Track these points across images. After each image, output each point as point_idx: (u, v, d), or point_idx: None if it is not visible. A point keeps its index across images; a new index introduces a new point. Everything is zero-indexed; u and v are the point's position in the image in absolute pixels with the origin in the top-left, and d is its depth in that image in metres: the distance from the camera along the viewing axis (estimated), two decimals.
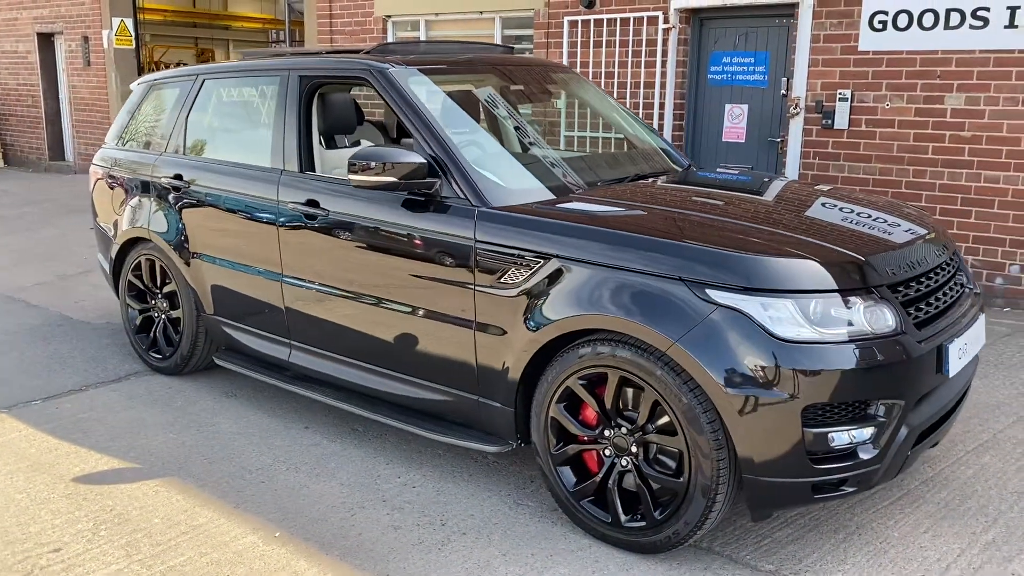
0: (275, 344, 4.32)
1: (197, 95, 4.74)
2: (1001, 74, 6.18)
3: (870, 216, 3.54)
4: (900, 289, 3.07)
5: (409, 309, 3.65)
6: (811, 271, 2.89)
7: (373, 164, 3.53)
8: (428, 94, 3.90)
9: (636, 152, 4.42)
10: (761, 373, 2.79)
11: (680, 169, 4.37)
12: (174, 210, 4.67)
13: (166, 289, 4.88)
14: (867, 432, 2.89)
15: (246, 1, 29.09)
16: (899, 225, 3.47)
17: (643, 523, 3.11)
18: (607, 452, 3.19)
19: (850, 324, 2.86)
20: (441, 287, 3.52)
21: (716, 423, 2.89)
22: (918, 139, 6.60)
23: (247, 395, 4.71)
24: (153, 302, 5.00)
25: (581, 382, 3.17)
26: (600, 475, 3.20)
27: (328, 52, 4.44)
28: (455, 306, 3.49)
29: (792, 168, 7.21)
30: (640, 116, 7.37)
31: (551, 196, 3.59)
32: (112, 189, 5.18)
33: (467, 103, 4.17)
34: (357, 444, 4.09)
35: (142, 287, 5.04)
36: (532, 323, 3.24)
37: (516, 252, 3.29)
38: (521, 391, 3.39)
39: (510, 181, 3.64)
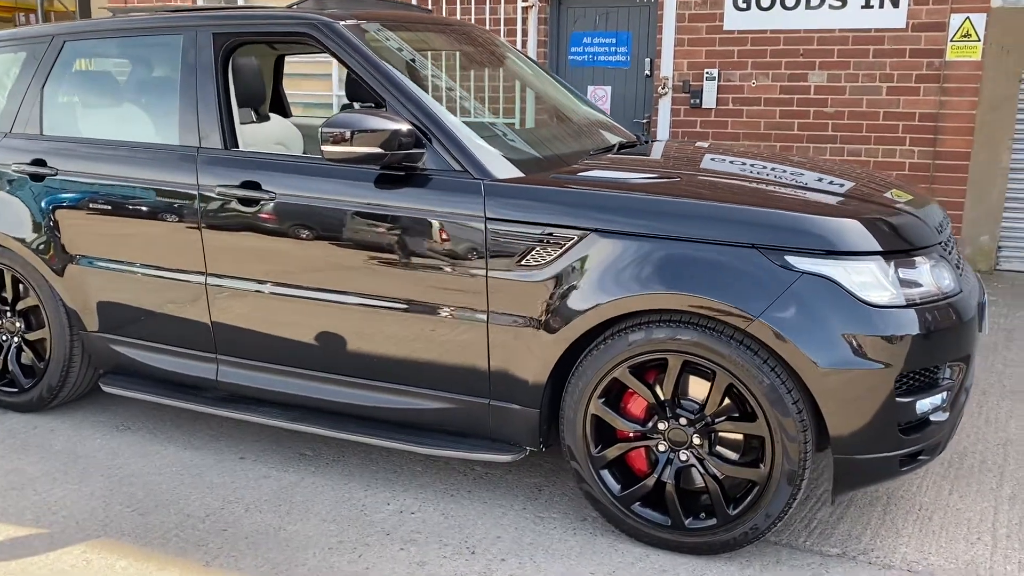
0: (195, 361, 3.54)
1: (55, 61, 3.80)
2: (859, 52, 6.52)
3: (868, 176, 3.46)
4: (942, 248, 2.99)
5: (395, 305, 3.08)
6: (886, 231, 2.72)
7: (348, 134, 2.94)
8: (385, 53, 3.34)
9: (597, 124, 4.09)
10: (856, 343, 2.57)
11: (641, 138, 4.12)
12: (36, 204, 3.72)
13: (21, 305, 3.89)
14: (940, 397, 2.77)
15: None
16: (900, 186, 3.41)
17: (712, 521, 2.80)
18: (661, 448, 2.85)
19: (921, 285, 2.72)
20: (439, 276, 3.00)
21: (800, 402, 2.65)
22: (784, 116, 6.83)
23: (147, 427, 3.86)
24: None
25: (630, 372, 2.81)
26: (655, 474, 2.85)
27: (242, 7, 3.71)
28: (459, 297, 2.98)
29: None
30: (486, 107, 7.05)
31: (551, 167, 3.18)
32: None
33: (421, 66, 3.64)
34: (315, 471, 3.44)
35: None
36: (566, 309, 2.82)
37: (543, 229, 2.85)
38: (548, 389, 2.96)
39: (504, 150, 3.18)
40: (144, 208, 3.48)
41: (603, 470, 2.92)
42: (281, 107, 5.05)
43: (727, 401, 2.75)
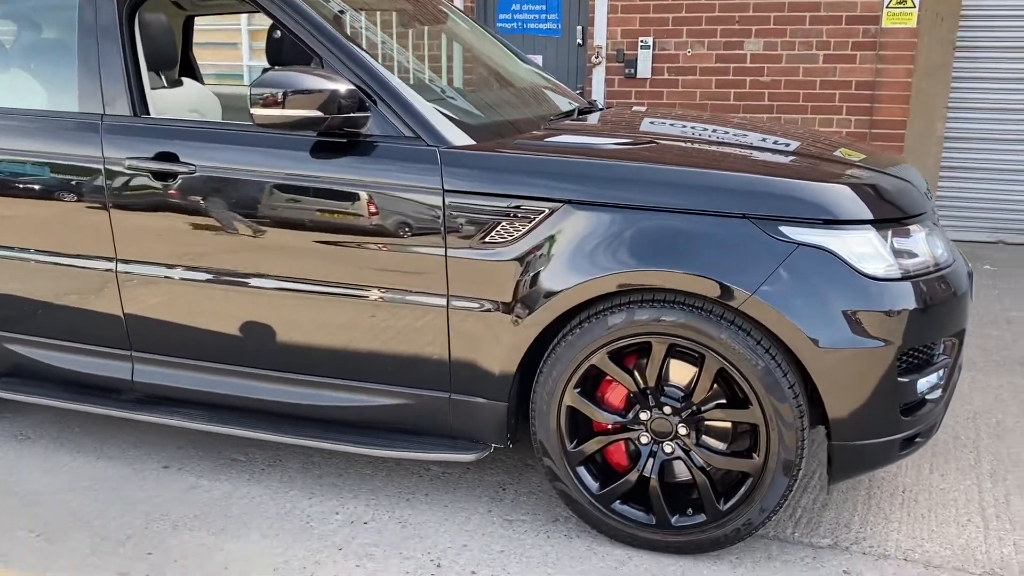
0: (106, 359, 3.10)
1: None
2: (796, 19, 6.39)
3: (813, 136, 3.27)
4: None
5: (340, 291, 2.73)
6: (880, 198, 2.53)
7: (281, 95, 2.57)
8: (317, 6, 2.95)
9: (548, 87, 3.79)
10: (856, 319, 2.36)
11: (596, 103, 3.84)
12: None
13: None
14: (937, 375, 2.59)
15: None
16: (849, 144, 3.24)
17: (701, 518, 2.56)
18: (643, 440, 2.59)
19: (916, 256, 2.52)
20: (389, 256, 2.66)
21: (797, 386, 2.43)
22: (720, 85, 6.66)
23: (51, 435, 3.40)
24: None
25: (609, 358, 2.54)
26: (638, 469, 2.60)
27: None
28: (414, 280, 2.65)
29: None
30: (427, 68, 6.68)
31: (508, 133, 2.87)
32: None
33: (357, 21, 3.27)
34: (250, 479, 3.07)
35: None
36: (537, 291, 2.52)
37: (509, 201, 2.54)
38: (516, 380, 2.67)
39: (458, 115, 2.85)
40: (38, 185, 3.01)
41: (580, 467, 2.64)
42: (192, 75, 4.58)
43: (716, 387, 2.51)
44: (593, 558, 2.61)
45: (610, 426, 2.62)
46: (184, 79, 3.78)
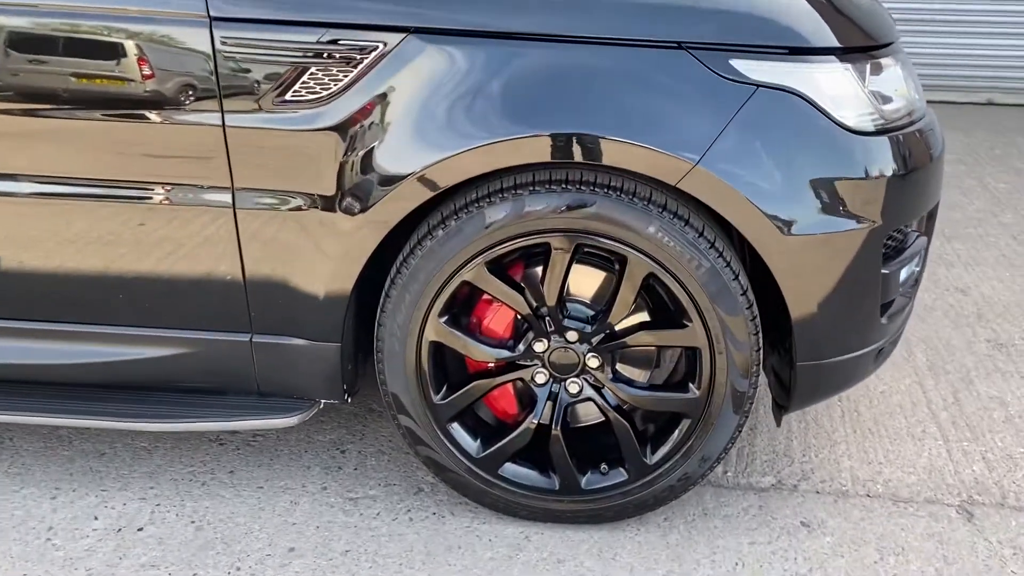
0: None
1: None
2: None
3: None
4: None
5: (70, 189, 1.74)
6: (845, 18, 1.82)
7: None
8: None
9: None
10: (837, 191, 1.67)
11: None
12: None
13: None
14: (914, 262, 1.97)
15: None
16: None
17: (621, 476, 1.86)
18: (539, 378, 1.83)
19: (891, 100, 1.83)
20: (138, 132, 1.69)
21: (750, 292, 1.73)
22: None
23: None
24: None
25: (488, 270, 1.73)
26: (535, 417, 1.84)
27: None
28: (180, 168, 1.70)
29: None
30: None
31: None
32: None
33: None
34: None
35: None
36: (375, 174, 1.65)
37: (320, 33, 1.62)
38: (352, 308, 1.81)
39: None
40: None
41: (452, 423, 1.86)
42: None
43: (640, 301, 1.77)
44: (477, 545, 1.87)
45: (492, 364, 1.84)
46: None
